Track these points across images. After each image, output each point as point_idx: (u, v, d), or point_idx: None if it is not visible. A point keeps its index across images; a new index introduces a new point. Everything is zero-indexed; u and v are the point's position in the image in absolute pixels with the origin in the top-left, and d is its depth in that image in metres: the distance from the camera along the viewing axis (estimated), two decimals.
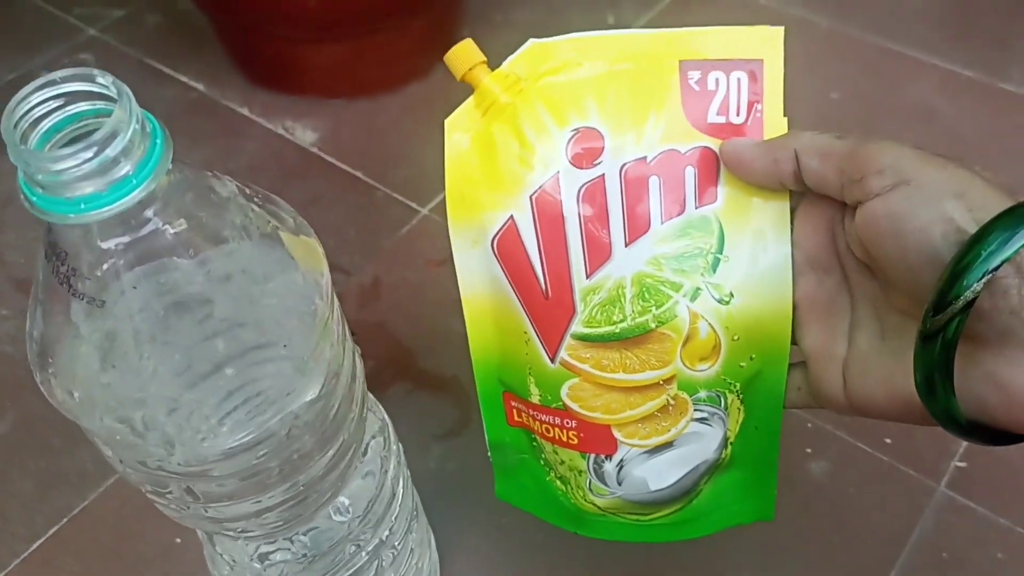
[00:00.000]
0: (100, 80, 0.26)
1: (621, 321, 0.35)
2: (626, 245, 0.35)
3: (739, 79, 0.35)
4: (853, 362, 0.33)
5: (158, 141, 0.26)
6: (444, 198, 0.36)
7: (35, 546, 0.54)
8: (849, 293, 0.34)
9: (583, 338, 0.36)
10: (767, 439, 0.39)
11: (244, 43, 0.79)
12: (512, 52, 0.36)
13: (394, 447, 0.41)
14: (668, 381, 0.37)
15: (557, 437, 0.39)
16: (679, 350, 0.36)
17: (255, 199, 0.31)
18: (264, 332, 0.30)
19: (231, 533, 0.35)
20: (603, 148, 0.34)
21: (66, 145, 0.26)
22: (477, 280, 0.36)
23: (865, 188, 0.30)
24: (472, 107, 0.36)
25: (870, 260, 0.32)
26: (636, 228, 0.35)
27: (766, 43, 0.35)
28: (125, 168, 0.25)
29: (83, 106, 0.26)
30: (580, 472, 0.40)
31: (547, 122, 0.34)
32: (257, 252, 0.29)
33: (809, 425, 0.57)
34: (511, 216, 0.35)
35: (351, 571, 0.40)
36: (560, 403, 0.37)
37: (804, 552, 0.52)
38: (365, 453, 0.39)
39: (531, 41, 0.35)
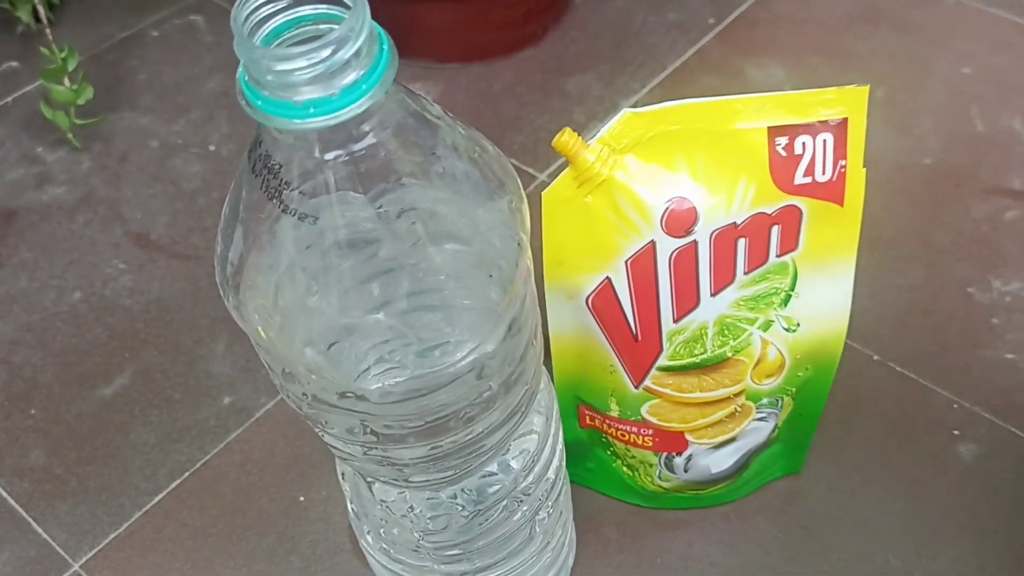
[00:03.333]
0: None
1: (702, 354, 0.40)
2: (712, 295, 0.38)
3: (825, 140, 0.36)
4: None
5: (385, 49, 0.25)
6: (561, 164, 0.38)
7: (157, 499, 0.53)
8: None
9: (667, 369, 0.40)
10: (809, 420, 0.47)
11: None
12: (622, 46, 0.37)
13: (555, 406, 0.40)
14: (738, 395, 0.42)
15: (632, 440, 0.45)
16: (750, 371, 0.41)
17: (459, 124, 0.29)
18: (476, 257, 0.28)
19: (402, 482, 0.34)
20: (696, 217, 0.36)
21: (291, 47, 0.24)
22: (568, 324, 0.40)
23: None
24: (569, 179, 0.37)
25: None
26: (721, 281, 0.38)
27: (852, 101, 0.36)
28: (355, 73, 0.24)
29: (307, 9, 0.25)
30: (651, 464, 0.46)
31: (642, 194, 0.36)
32: (467, 176, 0.28)
33: (955, 406, 0.54)
34: (607, 277, 0.38)
35: (509, 529, 0.38)
36: (639, 417, 0.43)
37: (958, 537, 0.49)
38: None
39: (625, 111, 0.36)
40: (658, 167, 0.36)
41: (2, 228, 0.67)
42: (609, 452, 0.47)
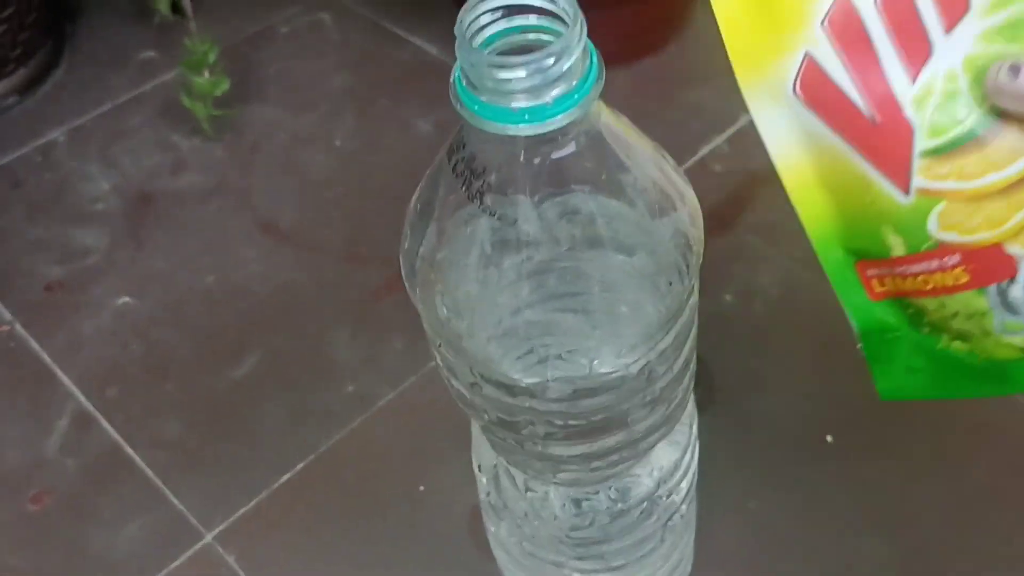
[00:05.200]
0: None
1: (968, 116, 0.30)
2: (946, 33, 0.30)
3: None
4: None
5: (594, 63, 0.26)
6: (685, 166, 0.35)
7: (285, 478, 0.56)
8: None
9: (933, 152, 0.31)
10: None
11: None
12: None
13: (695, 416, 0.40)
14: None
15: (941, 285, 0.33)
16: None
17: (646, 136, 0.30)
18: (655, 264, 0.29)
19: (553, 477, 0.35)
20: None
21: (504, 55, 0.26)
22: (788, 140, 0.32)
23: None
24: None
25: None
26: (952, 11, 0.30)
27: None
28: (567, 84, 0.25)
29: (529, 19, 0.26)
30: (983, 314, 0.33)
31: None
32: (652, 187, 0.29)
33: None
34: (805, 53, 0.31)
35: (645, 532, 0.39)
36: (931, 242, 0.32)
37: None
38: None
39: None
40: None
41: (140, 210, 0.70)
42: (926, 329, 0.35)
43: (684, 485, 0.40)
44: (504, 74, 0.25)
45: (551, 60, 0.24)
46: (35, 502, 0.55)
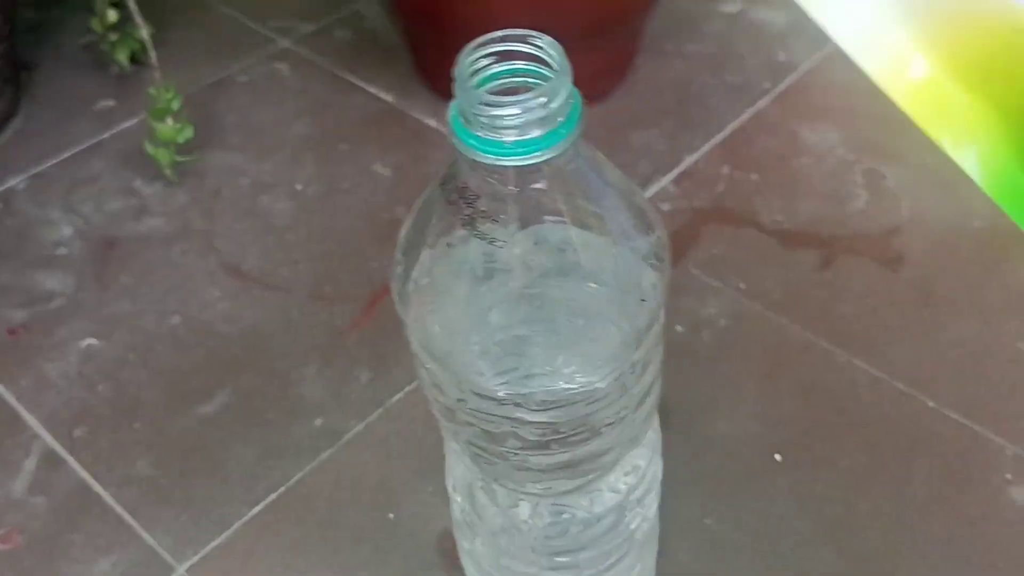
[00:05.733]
0: (538, 42, 0.29)
1: None
2: None
3: None
4: None
5: (577, 103, 0.29)
6: None
7: (256, 510, 0.57)
8: None
9: None
10: None
11: (434, 57, 0.83)
12: (683, 105, 0.32)
13: (658, 422, 0.43)
14: None
15: None
16: None
17: (618, 169, 0.33)
18: (630, 283, 0.32)
19: (533, 488, 0.38)
20: None
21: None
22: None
23: None
24: None
25: None
26: None
27: None
28: (555, 122, 0.28)
29: (519, 64, 0.29)
30: None
31: None
32: (625, 213, 0.32)
33: (1007, 452, 0.57)
34: None
35: (614, 540, 0.42)
36: None
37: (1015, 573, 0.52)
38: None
39: None
40: None
41: (104, 254, 0.72)
42: None
43: (651, 493, 0.43)
44: (498, 111, 0.27)
45: (541, 100, 0.27)
46: (5, 541, 0.56)
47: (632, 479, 0.41)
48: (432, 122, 0.82)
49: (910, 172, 0.75)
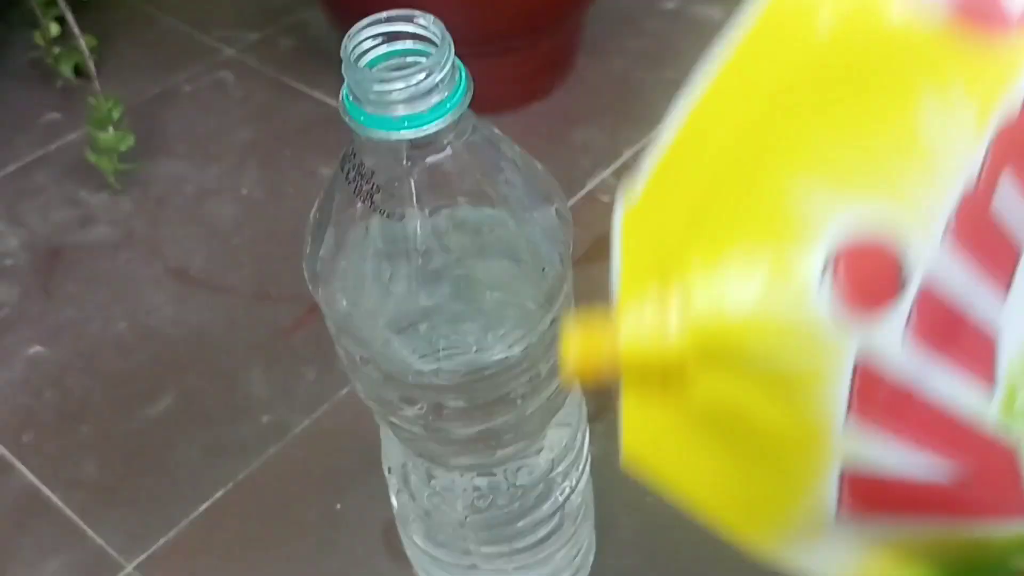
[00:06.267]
0: (421, 21, 0.30)
1: None
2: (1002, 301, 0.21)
3: None
4: None
5: (463, 78, 0.30)
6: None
7: (203, 507, 0.57)
8: None
9: None
10: None
11: None
12: (623, 101, 0.30)
13: (583, 406, 0.45)
14: None
15: None
16: None
17: (515, 144, 0.35)
18: (531, 255, 0.33)
19: (458, 461, 0.39)
20: (894, 261, 0.19)
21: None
22: (847, 562, 0.24)
23: None
24: (637, 401, 0.23)
25: None
26: (997, 274, 0.21)
27: None
28: (440, 95, 0.29)
29: (403, 45, 0.30)
30: None
31: (771, 303, 0.19)
32: (523, 186, 0.33)
33: None
34: (840, 470, 0.23)
35: (542, 513, 0.43)
36: None
37: None
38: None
39: (620, 214, 0.22)
40: (756, 242, 0.20)
41: (48, 263, 0.72)
42: None
43: (578, 466, 0.44)
44: (385, 87, 0.29)
45: (423, 74, 0.29)
46: None
47: (556, 451, 0.42)
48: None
49: None
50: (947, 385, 0.21)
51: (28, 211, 0.76)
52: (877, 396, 0.20)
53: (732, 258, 0.19)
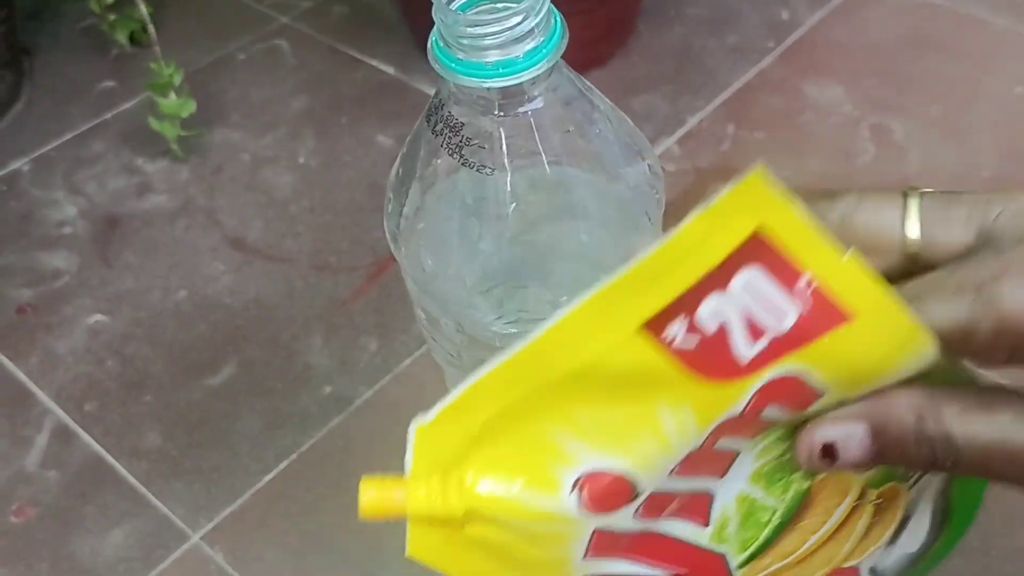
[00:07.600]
0: None
1: (773, 515, 0.28)
2: (720, 478, 0.28)
3: (748, 281, 0.23)
4: None
5: (558, 23, 0.29)
6: None
7: (267, 479, 0.57)
8: None
9: (749, 559, 0.29)
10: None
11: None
12: (683, 68, 0.31)
13: None
14: (861, 496, 0.30)
15: None
16: (827, 475, 0.29)
17: (606, 97, 0.33)
18: (620, 215, 0.32)
19: None
20: (629, 487, 0.24)
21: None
22: None
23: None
24: (422, 530, 0.27)
25: None
26: (714, 472, 0.28)
27: (753, 198, 0.22)
28: (535, 41, 0.28)
29: None
30: None
31: (529, 499, 0.25)
32: (615, 140, 0.31)
33: None
34: None
35: None
36: None
37: None
38: None
39: (414, 428, 0.26)
40: (527, 451, 0.25)
41: (108, 232, 0.72)
42: None
43: None
44: (479, 30, 0.27)
45: (519, 18, 0.27)
46: (18, 515, 0.56)
47: None
48: (434, 92, 0.81)
49: (917, 125, 0.74)
50: (671, 527, 0.28)
51: (85, 180, 0.76)
52: (611, 542, 0.27)
53: (504, 464, 0.25)
